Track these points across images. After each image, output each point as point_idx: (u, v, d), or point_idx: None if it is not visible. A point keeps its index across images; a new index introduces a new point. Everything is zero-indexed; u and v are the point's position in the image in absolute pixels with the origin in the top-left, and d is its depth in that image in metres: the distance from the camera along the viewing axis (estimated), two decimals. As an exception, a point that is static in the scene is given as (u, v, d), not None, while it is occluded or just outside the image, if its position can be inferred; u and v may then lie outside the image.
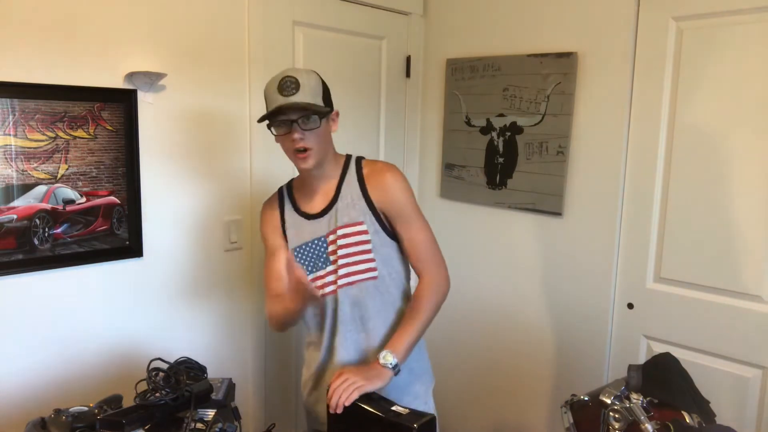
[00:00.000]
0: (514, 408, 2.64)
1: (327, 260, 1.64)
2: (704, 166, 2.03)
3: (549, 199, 2.40)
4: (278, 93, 1.51)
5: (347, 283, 1.62)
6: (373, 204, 1.62)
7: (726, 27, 1.95)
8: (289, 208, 1.70)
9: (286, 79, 1.51)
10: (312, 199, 1.67)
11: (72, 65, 1.80)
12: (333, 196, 1.65)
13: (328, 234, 1.64)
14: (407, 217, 1.63)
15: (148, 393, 1.37)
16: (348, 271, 1.62)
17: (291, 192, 1.73)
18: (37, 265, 1.80)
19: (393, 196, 1.62)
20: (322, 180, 1.66)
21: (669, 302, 2.15)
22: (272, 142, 2.34)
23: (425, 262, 1.65)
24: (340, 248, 1.62)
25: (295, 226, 1.67)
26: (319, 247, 1.64)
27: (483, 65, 2.57)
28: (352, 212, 1.62)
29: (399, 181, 1.63)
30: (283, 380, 2.51)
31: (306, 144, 1.54)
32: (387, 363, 1.51)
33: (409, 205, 1.64)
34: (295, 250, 1.66)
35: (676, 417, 1.27)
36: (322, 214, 1.65)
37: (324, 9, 2.43)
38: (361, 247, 1.62)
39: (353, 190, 1.63)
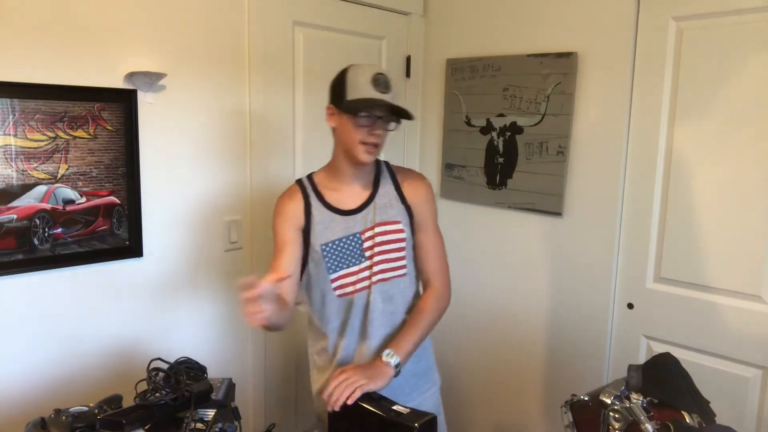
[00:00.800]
0: (514, 407, 2.64)
1: (361, 256, 1.65)
2: (704, 166, 2.03)
3: (549, 199, 2.40)
4: (372, 86, 1.53)
5: (381, 279, 1.66)
6: (408, 206, 1.69)
7: (726, 27, 1.95)
8: (317, 203, 1.67)
9: (380, 75, 1.55)
10: (344, 196, 1.67)
11: (72, 65, 1.80)
12: (370, 194, 1.68)
13: (363, 231, 1.65)
14: (429, 225, 1.73)
15: (148, 393, 1.37)
16: (383, 267, 1.66)
17: (315, 187, 1.70)
18: (37, 265, 1.80)
19: (425, 203, 1.72)
20: (359, 177, 1.67)
21: (669, 302, 2.15)
22: (271, 142, 2.35)
23: (436, 271, 1.72)
24: (377, 245, 1.65)
25: (324, 222, 1.65)
26: (354, 244, 1.65)
27: (483, 65, 2.57)
28: (390, 211, 1.67)
29: (431, 190, 1.75)
30: (283, 380, 2.51)
31: (379, 141, 1.58)
32: (390, 361, 1.53)
33: (434, 214, 1.74)
34: (325, 246, 1.64)
35: (676, 417, 1.27)
36: (357, 211, 1.66)
37: (324, 9, 2.43)
38: (397, 245, 1.67)
39: (390, 191, 1.70)
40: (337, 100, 1.58)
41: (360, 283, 1.65)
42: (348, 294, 1.66)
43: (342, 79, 1.58)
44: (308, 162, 2.47)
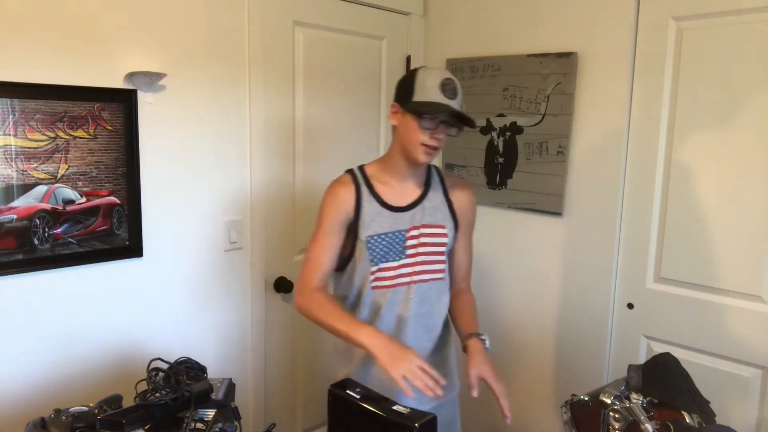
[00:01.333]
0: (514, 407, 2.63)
1: (402, 253, 1.68)
2: (704, 166, 2.04)
3: (549, 199, 2.40)
4: (440, 91, 1.56)
5: (421, 280, 1.69)
6: (454, 212, 1.75)
7: (726, 27, 1.95)
8: (368, 195, 1.69)
9: (449, 81, 1.58)
10: (395, 192, 1.70)
11: (72, 65, 1.80)
12: (420, 195, 1.71)
13: (409, 229, 1.68)
14: (469, 234, 1.82)
15: (148, 393, 1.37)
16: (424, 268, 1.70)
17: (367, 179, 1.71)
18: (37, 265, 1.80)
19: (470, 212, 1.79)
20: (412, 176, 1.71)
21: (669, 302, 2.15)
22: (272, 142, 2.35)
23: (468, 276, 1.85)
24: (421, 245, 1.69)
25: (373, 214, 1.67)
26: (397, 240, 1.68)
27: (483, 65, 2.57)
28: (437, 215, 1.72)
29: (475, 199, 1.81)
30: (283, 380, 2.51)
31: (439, 144, 1.61)
32: (489, 347, 1.68)
33: (473, 225, 1.83)
34: (371, 237, 1.66)
35: (676, 417, 1.27)
36: (407, 209, 1.69)
37: (324, 9, 2.43)
38: (439, 248, 1.72)
39: (438, 195, 1.74)
40: (403, 99, 1.61)
41: (397, 279, 1.69)
42: (382, 287, 1.68)
43: (411, 80, 1.60)
44: (308, 161, 2.47)
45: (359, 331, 1.54)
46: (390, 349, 1.49)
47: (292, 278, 2.45)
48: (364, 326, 1.56)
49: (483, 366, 1.59)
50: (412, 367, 1.44)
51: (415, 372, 1.44)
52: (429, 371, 1.45)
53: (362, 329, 1.54)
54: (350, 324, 1.57)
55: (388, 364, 1.46)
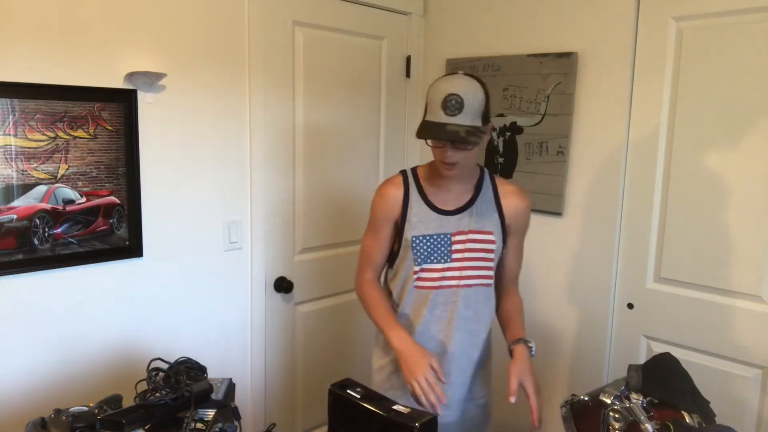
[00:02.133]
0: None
1: (448, 256, 1.69)
2: (704, 166, 2.04)
3: (549, 199, 2.40)
4: (441, 109, 1.51)
5: (466, 285, 1.70)
6: (504, 219, 1.73)
7: (726, 27, 1.95)
8: (417, 197, 1.71)
9: (452, 97, 1.50)
10: (443, 196, 1.71)
11: (72, 65, 1.80)
12: (469, 200, 1.70)
13: (456, 233, 1.68)
14: (521, 238, 1.81)
15: (148, 393, 1.37)
16: (471, 274, 1.70)
17: (418, 180, 1.74)
18: (38, 265, 1.80)
19: (524, 220, 1.77)
20: (458, 182, 1.70)
21: (669, 302, 2.15)
22: (271, 142, 2.35)
23: (516, 279, 1.85)
24: (468, 251, 1.69)
25: (420, 216, 1.70)
26: (443, 243, 1.69)
27: (483, 65, 2.57)
28: (485, 221, 1.70)
29: (529, 206, 1.78)
30: (283, 380, 2.51)
31: (455, 160, 1.58)
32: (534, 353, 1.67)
33: (526, 230, 1.81)
34: (416, 238, 1.69)
35: (676, 417, 1.27)
36: (454, 213, 1.70)
37: (324, 9, 2.43)
38: (486, 254, 1.71)
39: (489, 201, 1.72)
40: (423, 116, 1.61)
41: (441, 281, 1.69)
42: (426, 288, 1.70)
43: (428, 94, 1.59)
44: (309, 161, 2.47)
45: (392, 330, 1.65)
46: (412, 354, 1.58)
47: (292, 278, 2.45)
48: (397, 328, 1.66)
49: (525, 374, 1.59)
50: (423, 379, 1.53)
51: (423, 384, 1.52)
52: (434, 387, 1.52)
53: (394, 330, 1.65)
54: (387, 322, 1.68)
55: (406, 368, 1.57)
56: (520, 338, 1.68)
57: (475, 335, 1.74)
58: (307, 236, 2.51)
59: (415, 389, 1.53)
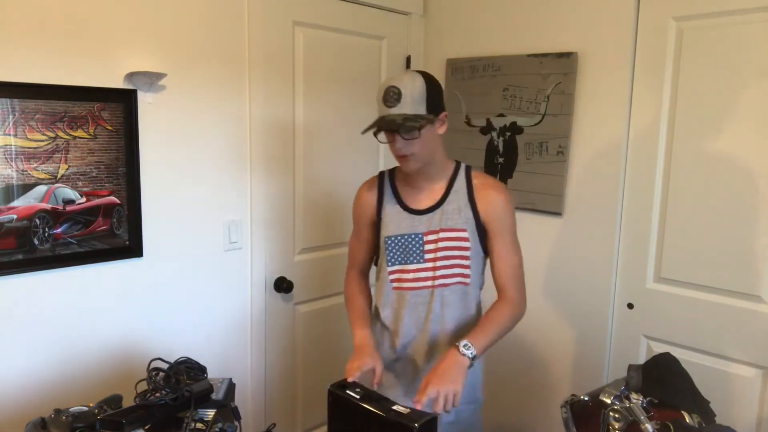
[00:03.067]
0: (513, 407, 2.64)
1: (421, 256, 1.69)
2: (704, 166, 2.04)
3: (549, 199, 2.40)
4: (382, 102, 1.57)
5: (442, 285, 1.69)
6: (478, 215, 1.68)
7: (726, 27, 1.95)
8: (390, 197, 1.73)
9: (390, 89, 1.55)
10: (416, 195, 1.71)
11: (72, 65, 1.80)
12: (440, 198, 1.69)
13: (427, 233, 1.68)
14: (507, 236, 1.70)
15: (148, 393, 1.37)
16: (445, 273, 1.68)
17: (393, 182, 1.76)
18: (38, 265, 1.80)
19: (501, 214, 1.68)
20: (428, 180, 1.70)
21: (669, 302, 2.15)
22: (271, 142, 2.36)
23: (512, 281, 1.71)
24: (440, 250, 1.67)
25: (392, 216, 1.71)
26: (415, 243, 1.69)
27: (483, 65, 2.57)
28: (457, 218, 1.67)
29: (509, 201, 1.70)
30: (283, 380, 2.51)
31: (406, 151, 1.59)
32: (467, 353, 1.51)
33: (511, 226, 1.71)
34: (389, 238, 1.71)
35: (676, 417, 1.27)
36: (425, 212, 1.69)
37: (324, 9, 2.43)
38: (460, 252, 1.68)
39: (461, 198, 1.69)
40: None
41: (417, 282, 1.69)
42: (403, 289, 1.71)
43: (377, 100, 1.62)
44: (308, 161, 2.47)
45: (356, 328, 1.70)
46: (362, 351, 1.61)
47: (292, 278, 2.45)
48: (362, 327, 1.70)
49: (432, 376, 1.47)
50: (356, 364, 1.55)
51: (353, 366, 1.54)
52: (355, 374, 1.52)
53: (359, 328, 1.69)
54: (355, 319, 1.73)
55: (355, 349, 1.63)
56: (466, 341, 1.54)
57: (454, 336, 1.70)
58: (307, 236, 2.51)
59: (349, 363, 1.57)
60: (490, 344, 1.60)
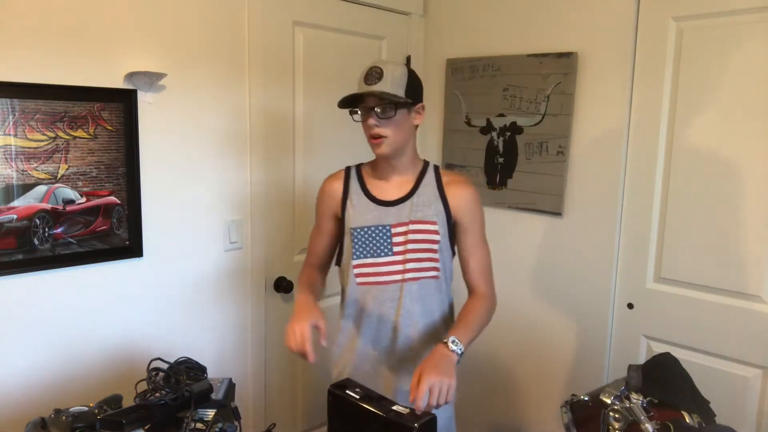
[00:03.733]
0: (513, 408, 2.64)
1: (389, 250, 1.66)
2: (704, 166, 2.04)
3: (549, 199, 2.40)
4: (363, 81, 1.57)
5: (412, 278, 1.65)
6: (449, 209, 1.67)
7: (726, 27, 1.95)
8: (357, 188, 1.71)
9: (372, 69, 1.57)
10: (384, 187, 1.70)
11: (72, 65, 1.80)
12: (410, 190, 1.68)
13: (395, 225, 1.66)
14: (477, 231, 1.71)
15: (148, 393, 1.37)
16: (416, 266, 1.65)
17: (360, 174, 1.74)
18: (37, 265, 1.80)
19: (472, 208, 1.69)
20: (397, 172, 1.69)
21: (669, 302, 2.15)
22: (271, 142, 2.36)
23: (483, 276, 1.72)
24: (410, 242, 1.65)
25: (358, 207, 1.68)
26: (382, 235, 1.66)
27: (483, 65, 2.57)
28: (427, 210, 1.66)
29: (478, 196, 1.72)
30: (283, 380, 2.51)
31: (381, 131, 1.58)
32: (456, 350, 1.49)
33: (481, 221, 1.72)
34: (354, 230, 1.67)
35: (676, 417, 1.27)
36: (393, 204, 1.67)
37: (324, 9, 2.43)
38: (430, 245, 1.66)
39: (431, 191, 1.68)
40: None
41: (385, 277, 1.66)
42: (368, 284, 1.67)
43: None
44: (308, 161, 2.47)
45: (300, 294, 1.64)
46: (302, 308, 1.55)
47: (292, 278, 2.45)
48: (305, 293, 1.64)
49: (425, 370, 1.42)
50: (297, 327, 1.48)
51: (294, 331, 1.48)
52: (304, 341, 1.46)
53: (302, 293, 1.63)
54: (298, 295, 1.65)
55: (293, 316, 1.53)
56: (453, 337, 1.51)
57: (424, 332, 1.68)
58: (306, 236, 2.50)
59: (287, 332, 1.50)
60: (472, 341, 1.57)
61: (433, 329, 1.70)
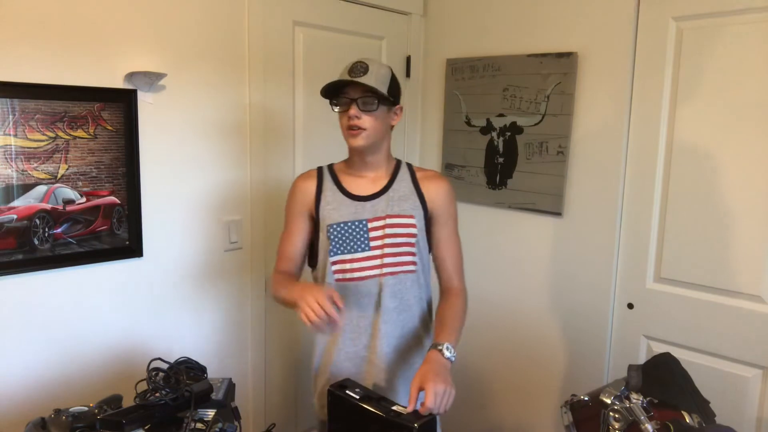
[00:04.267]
0: (513, 408, 2.64)
1: (366, 245, 1.65)
2: (704, 166, 2.04)
3: (549, 199, 2.40)
4: (347, 73, 1.57)
5: (390, 273, 1.65)
6: (425, 203, 1.68)
7: (726, 27, 1.95)
8: (331, 185, 1.70)
9: (358, 63, 1.58)
10: (358, 182, 1.69)
11: (72, 65, 1.80)
12: (385, 185, 1.68)
13: (372, 219, 1.65)
14: (451, 226, 1.72)
15: (148, 393, 1.37)
16: (394, 261, 1.65)
17: (333, 172, 1.73)
18: (37, 265, 1.80)
19: (447, 202, 1.71)
20: (372, 168, 1.69)
21: (669, 302, 2.15)
22: (271, 142, 2.36)
23: (455, 272, 1.73)
24: (387, 236, 1.64)
25: (333, 203, 1.67)
26: (359, 230, 1.65)
27: (483, 65, 2.57)
28: (404, 204, 1.66)
29: (452, 190, 1.73)
30: (283, 380, 2.51)
31: (360, 123, 1.57)
32: (451, 356, 1.50)
33: (455, 215, 1.74)
34: (331, 226, 1.65)
35: (676, 417, 1.27)
36: (369, 198, 1.67)
37: (324, 9, 2.43)
38: (407, 239, 1.66)
39: (406, 186, 1.69)
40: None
41: (363, 272, 1.65)
42: (346, 280, 1.66)
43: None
44: (308, 162, 2.47)
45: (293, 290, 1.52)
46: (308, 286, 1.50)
47: (292, 278, 2.45)
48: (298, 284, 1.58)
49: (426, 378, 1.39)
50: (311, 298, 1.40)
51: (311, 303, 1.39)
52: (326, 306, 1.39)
53: (296, 286, 1.54)
54: (290, 287, 1.57)
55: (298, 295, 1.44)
56: (434, 344, 1.51)
57: (403, 326, 1.68)
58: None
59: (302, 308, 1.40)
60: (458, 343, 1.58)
61: (411, 324, 1.70)
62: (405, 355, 1.70)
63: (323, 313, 1.39)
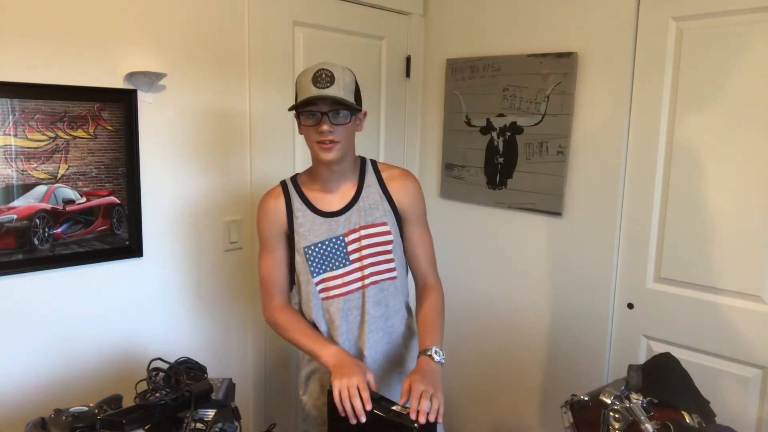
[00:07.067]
0: (513, 408, 2.64)
1: (346, 259, 1.63)
2: (704, 166, 2.03)
3: (549, 199, 2.40)
4: (312, 84, 1.51)
5: (372, 283, 1.64)
6: (395, 205, 1.67)
7: (726, 27, 1.95)
8: (299, 204, 1.66)
9: (322, 71, 1.52)
10: (327, 197, 1.66)
11: (72, 65, 1.80)
12: (354, 196, 1.65)
13: (347, 233, 1.63)
14: (421, 222, 1.72)
15: (148, 393, 1.37)
16: (373, 270, 1.64)
17: (299, 188, 1.69)
18: (37, 265, 1.80)
19: (416, 200, 1.69)
20: (339, 178, 1.65)
21: (669, 302, 2.15)
22: (271, 143, 2.36)
23: (430, 267, 1.73)
24: (364, 248, 1.63)
25: (306, 224, 1.64)
26: (337, 246, 1.63)
27: (483, 65, 2.57)
28: (375, 213, 1.64)
29: (418, 186, 1.72)
30: (283, 380, 2.51)
31: (333, 137, 1.54)
32: (441, 360, 1.50)
33: (424, 211, 1.73)
34: (308, 248, 1.63)
35: (676, 417, 1.27)
36: (340, 213, 1.64)
37: (324, 9, 2.43)
38: (384, 247, 1.65)
39: (375, 192, 1.66)
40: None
41: (347, 287, 1.64)
42: (332, 297, 1.64)
43: (296, 85, 1.58)
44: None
45: (324, 349, 1.54)
46: (344, 364, 1.47)
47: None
48: (329, 346, 1.56)
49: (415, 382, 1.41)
50: (349, 385, 1.40)
51: (347, 390, 1.39)
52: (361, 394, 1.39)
53: (326, 348, 1.55)
54: (315, 342, 1.58)
55: (336, 377, 1.44)
56: (423, 350, 1.53)
57: (389, 332, 1.69)
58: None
59: (336, 391, 1.40)
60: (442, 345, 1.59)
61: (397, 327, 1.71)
62: (394, 358, 1.71)
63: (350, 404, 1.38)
